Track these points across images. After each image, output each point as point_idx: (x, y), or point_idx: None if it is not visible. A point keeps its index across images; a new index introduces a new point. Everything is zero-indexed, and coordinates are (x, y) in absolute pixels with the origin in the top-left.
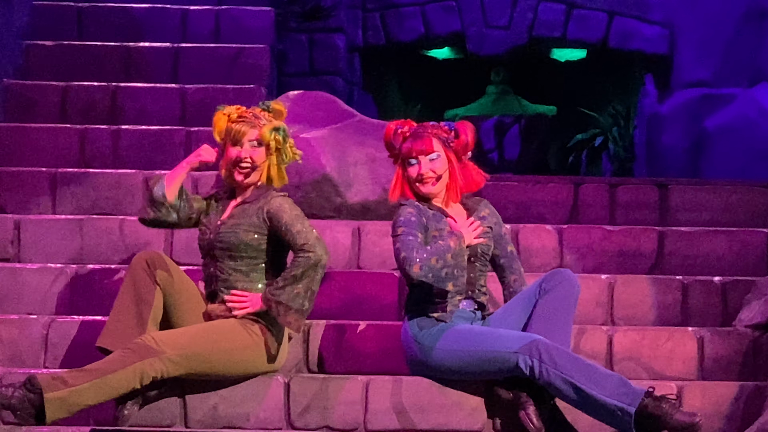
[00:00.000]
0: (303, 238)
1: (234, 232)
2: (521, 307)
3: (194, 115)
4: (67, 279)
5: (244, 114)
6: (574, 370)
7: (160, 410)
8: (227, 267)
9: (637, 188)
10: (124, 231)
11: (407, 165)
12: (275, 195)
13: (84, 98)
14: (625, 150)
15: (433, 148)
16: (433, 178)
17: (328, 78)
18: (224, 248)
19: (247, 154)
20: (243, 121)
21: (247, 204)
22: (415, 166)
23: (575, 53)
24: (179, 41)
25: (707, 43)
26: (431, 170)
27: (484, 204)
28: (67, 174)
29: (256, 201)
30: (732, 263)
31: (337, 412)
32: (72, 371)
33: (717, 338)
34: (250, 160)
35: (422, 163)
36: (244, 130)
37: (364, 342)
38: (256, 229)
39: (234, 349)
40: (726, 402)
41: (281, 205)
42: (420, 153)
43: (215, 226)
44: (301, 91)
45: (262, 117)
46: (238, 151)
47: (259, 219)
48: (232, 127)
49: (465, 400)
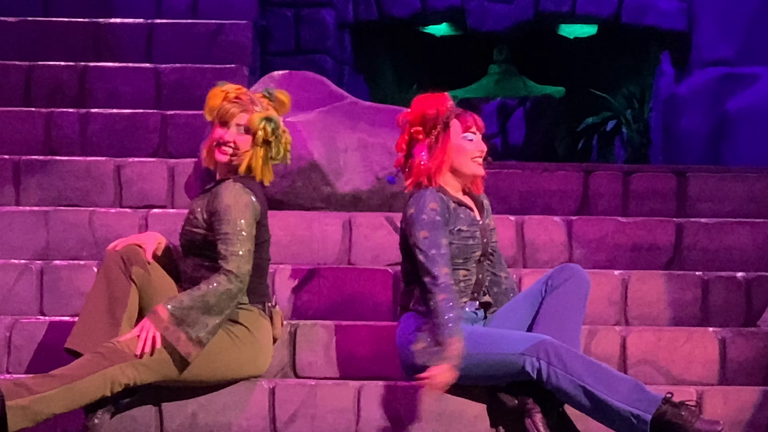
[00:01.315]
0: (228, 251)
1: (191, 228)
2: (527, 305)
3: (170, 97)
4: (32, 276)
5: (241, 96)
6: (585, 373)
7: (134, 419)
8: (193, 264)
9: (652, 176)
10: (94, 224)
11: (463, 139)
12: (225, 185)
13: (50, 79)
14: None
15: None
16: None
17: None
18: (186, 245)
19: (232, 138)
20: (237, 102)
21: (202, 194)
22: (474, 142)
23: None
24: (153, 17)
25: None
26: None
27: (483, 194)
28: (32, 162)
29: (209, 192)
30: (756, 257)
31: (327, 421)
32: (37, 377)
33: (740, 339)
34: (233, 145)
35: (479, 140)
36: (234, 112)
37: (355, 344)
38: (200, 224)
39: (213, 352)
40: (750, 409)
41: (222, 193)
42: (480, 129)
43: (185, 219)
44: (286, 71)
45: (259, 104)
46: (223, 132)
47: (204, 214)
48: (224, 106)
49: (466, 408)
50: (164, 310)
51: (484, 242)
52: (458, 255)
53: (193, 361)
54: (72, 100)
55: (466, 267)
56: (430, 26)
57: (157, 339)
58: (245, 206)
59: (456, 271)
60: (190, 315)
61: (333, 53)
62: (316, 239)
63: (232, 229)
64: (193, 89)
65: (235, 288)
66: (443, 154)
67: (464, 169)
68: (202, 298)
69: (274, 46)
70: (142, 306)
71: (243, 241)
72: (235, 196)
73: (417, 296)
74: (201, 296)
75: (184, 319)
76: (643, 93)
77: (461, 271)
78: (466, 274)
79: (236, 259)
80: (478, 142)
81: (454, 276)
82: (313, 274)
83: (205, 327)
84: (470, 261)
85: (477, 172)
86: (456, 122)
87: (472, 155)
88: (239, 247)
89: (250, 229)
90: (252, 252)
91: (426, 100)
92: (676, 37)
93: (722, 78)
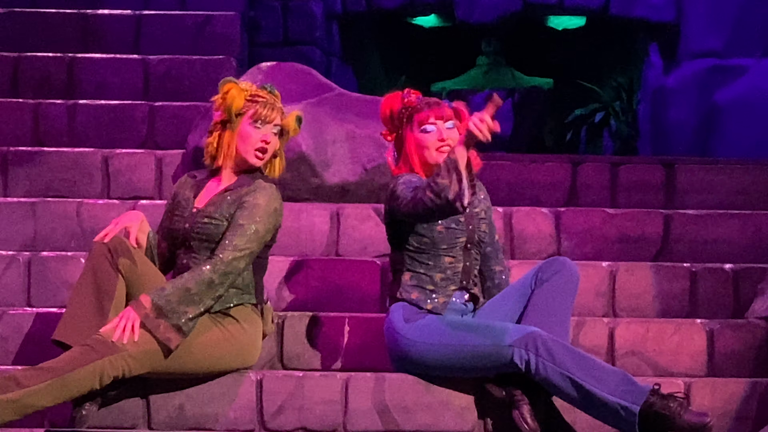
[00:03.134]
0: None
1: (212, 222)
2: (515, 297)
3: (158, 88)
4: (20, 267)
5: (261, 94)
6: (573, 365)
7: (121, 410)
8: (205, 258)
9: (641, 168)
10: (82, 215)
11: (421, 132)
12: (262, 184)
13: (37, 70)
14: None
15: (451, 116)
16: (450, 147)
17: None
18: (202, 239)
19: (271, 139)
20: (265, 102)
21: (229, 191)
22: (432, 133)
23: (574, 21)
24: (141, 8)
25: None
26: (450, 138)
27: (479, 185)
28: (19, 153)
29: (239, 188)
30: (745, 249)
31: (314, 412)
32: (25, 370)
33: (728, 331)
34: (271, 147)
35: (440, 129)
36: (273, 116)
37: (343, 336)
38: (228, 219)
39: (202, 344)
40: (738, 400)
41: (258, 192)
42: (439, 118)
43: (190, 214)
44: (274, 63)
45: (277, 100)
46: (263, 134)
47: (232, 209)
48: (258, 109)
49: (454, 399)
50: (147, 298)
51: (470, 229)
52: (442, 241)
53: (183, 354)
54: (60, 92)
55: (451, 254)
56: (419, 18)
57: (136, 326)
58: (274, 211)
59: (441, 257)
60: (170, 303)
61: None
62: (304, 230)
63: (247, 224)
64: (181, 80)
65: (217, 279)
66: (407, 150)
67: (430, 161)
68: (184, 285)
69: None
70: (130, 297)
71: (250, 240)
72: (269, 199)
73: (405, 285)
74: (183, 284)
75: (163, 306)
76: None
77: (446, 258)
78: (452, 261)
79: (233, 252)
80: (437, 132)
81: (440, 263)
82: (300, 266)
83: (185, 315)
84: (455, 248)
85: (441, 161)
86: (415, 116)
87: (434, 146)
88: (244, 242)
89: (264, 234)
90: (253, 254)
91: (384, 101)
92: (665, 28)
93: (711, 70)
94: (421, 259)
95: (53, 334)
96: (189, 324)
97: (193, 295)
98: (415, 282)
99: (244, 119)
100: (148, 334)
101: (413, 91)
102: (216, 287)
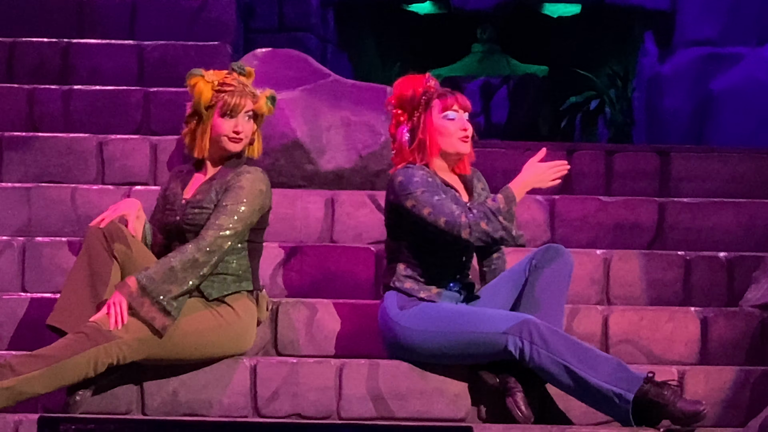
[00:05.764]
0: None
1: (202, 211)
2: (510, 285)
3: (152, 74)
4: (14, 253)
5: (229, 81)
6: (567, 352)
7: (115, 396)
8: None
9: (635, 156)
10: (76, 200)
11: (443, 119)
12: (246, 169)
13: (32, 56)
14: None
15: (470, 107)
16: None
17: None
18: (194, 231)
19: (243, 127)
20: (233, 91)
21: (215, 180)
22: (456, 121)
23: (569, 8)
24: None
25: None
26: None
27: (478, 175)
28: (14, 138)
29: (225, 175)
30: (739, 237)
31: (308, 399)
32: (21, 357)
33: (722, 319)
34: (245, 134)
35: (462, 118)
36: (243, 103)
37: (337, 322)
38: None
39: (197, 331)
40: (731, 388)
41: (243, 176)
42: (462, 107)
43: (180, 206)
44: (269, 49)
45: (247, 84)
46: (234, 124)
47: (219, 195)
48: (227, 100)
49: (447, 386)
50: (133, 279)
51: None
52: (442, 236)
53: (178, 340)
54: (55, 77)
55: (449, 248)
56: (414, 4)
57: (124, 308)
58: (259, 192)
59: (439, 251)
60: (154, 281)
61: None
62: (299, 217)
63: (231, 205)
64: (176, 66)
65: (201, 257)
66: (425, 135)
67: (449, 149)
68: (168, 264)
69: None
70: None
71: (235, 220)
72: (253, 181)
73: (399, 274)
74: (167, 263)
75: (146, 286)
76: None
77: (444, 252)
78: (449, 254)
79: (216, 231)
80: (460, 120)
81: (437, 256)
82: (295, 252)
83: (168, 293)
84: (455, 243)
85: (461, 150)
86: (437, 102)
87: (457, 135)
88: (228, 222)
89: (249, 214)
90: (238, 234)
91: (404, 82)
92: (660, 16)
93: (706, 58)
94: (418, 250)
95: (48, 319)
96: (173, 303)
97: (177, 272)
98: (409, 272)
99: (215, 111)
100: (141, 320)
101: (432, 77)
102: (200, 266)
